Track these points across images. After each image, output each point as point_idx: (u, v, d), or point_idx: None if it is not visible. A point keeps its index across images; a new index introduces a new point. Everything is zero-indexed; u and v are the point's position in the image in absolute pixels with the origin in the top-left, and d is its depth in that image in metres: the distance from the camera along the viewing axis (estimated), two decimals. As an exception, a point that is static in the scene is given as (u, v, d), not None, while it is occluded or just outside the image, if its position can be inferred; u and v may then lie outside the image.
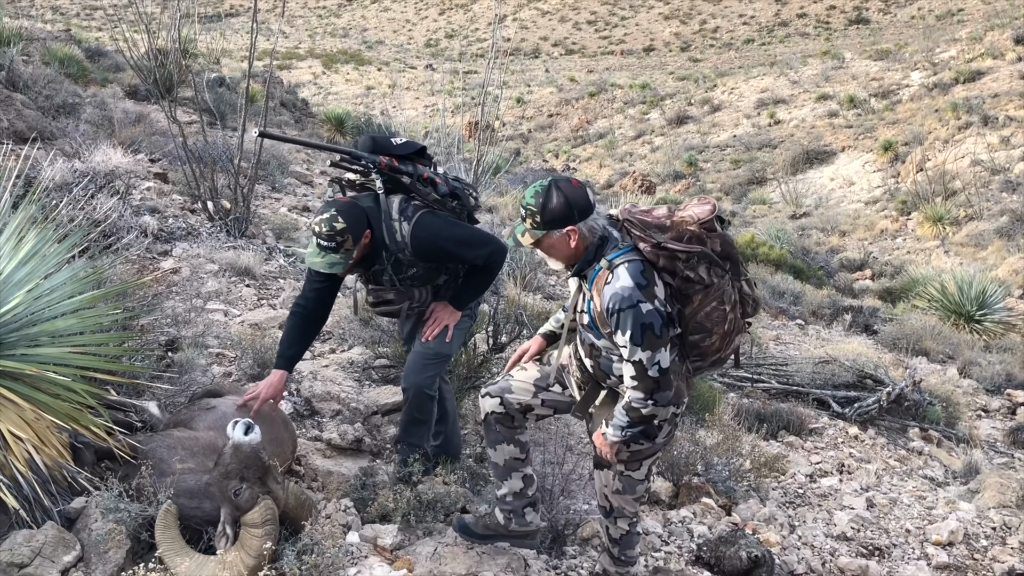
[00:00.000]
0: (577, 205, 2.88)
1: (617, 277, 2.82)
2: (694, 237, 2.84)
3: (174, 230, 7.26)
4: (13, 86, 9.55)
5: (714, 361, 3.08)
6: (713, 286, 2.88)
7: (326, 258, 3.40)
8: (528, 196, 2.94)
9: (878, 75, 40.46)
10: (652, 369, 2.82)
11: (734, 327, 3.00)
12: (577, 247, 2.93)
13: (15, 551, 2.87)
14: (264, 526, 2.93)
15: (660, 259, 2.82)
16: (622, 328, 2.80)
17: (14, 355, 3.22)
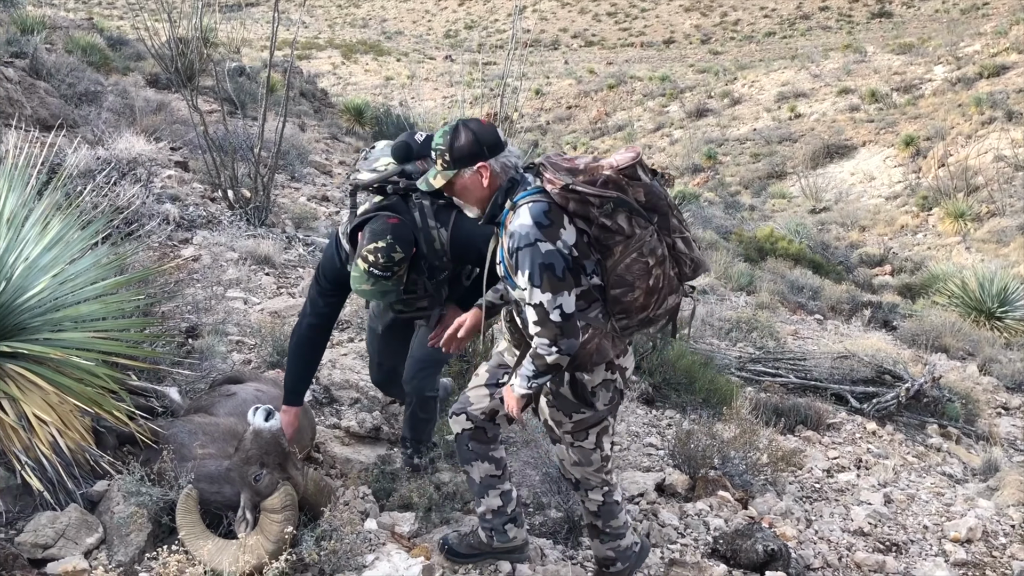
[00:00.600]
0: (486, 141, 2.78)
1: (518, 216, 2.72)
2: (610, 182, 2.72)
3: (194, 218, 7.31)
4: (36, 74, 9.63)
5: (642, 320, 2.92)
6: (634, 237, 2.75)
7: (377, 286, 3.17)
8: (437, 137, 2.85)
9: (900, 69, 40.10)
10: (554, 313, 2.69)
11: (662, 284, 2.85)
12: (491, 187, 2.83)
13: (39, 532, 2.91)
14: (284, 511, 2.96)
15: (570, 202, 2.70)
16: (521, 268, 2.70)
17: (38, 339, 3.26)
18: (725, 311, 9.62)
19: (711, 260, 12.98)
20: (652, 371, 6.29)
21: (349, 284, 3.32)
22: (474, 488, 3.35)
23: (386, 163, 3.36)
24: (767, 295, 11.80)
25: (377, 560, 3.18)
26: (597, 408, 3.06)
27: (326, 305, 3.47)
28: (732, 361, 7.62)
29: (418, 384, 3.82)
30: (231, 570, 2.72)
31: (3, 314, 3.24)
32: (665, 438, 5.45)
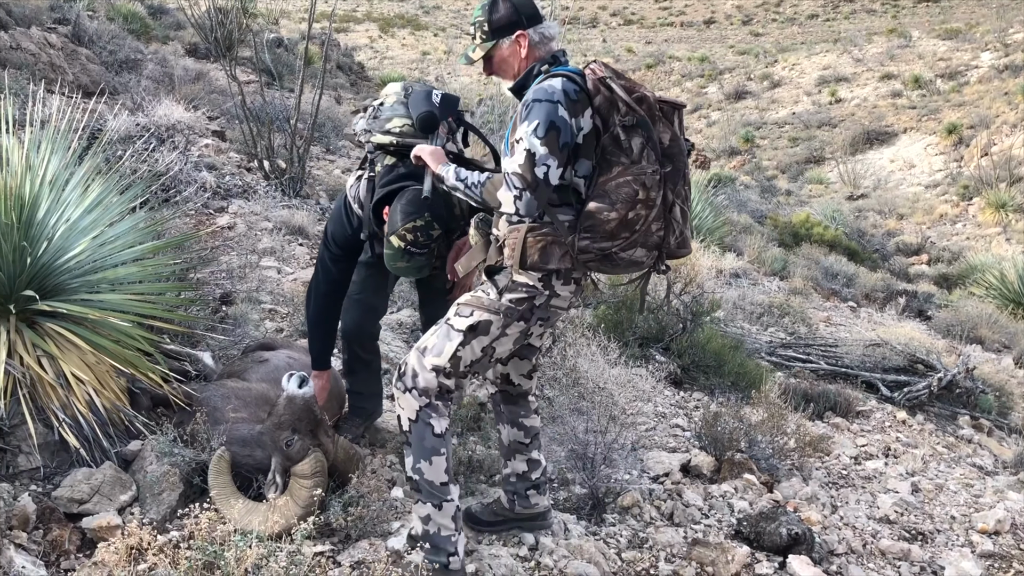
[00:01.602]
0: (525, 10, 2.80)
1: (548, 81, 2.68)
2: (643, 100, 2.64)
3: (230, 187, 7.38)
4: (78, 40, 9.74)
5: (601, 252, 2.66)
6: (638, 165, 2.63)
7: (413, 263, 3.10)
8: (475, 11, 2.89)
9: (946, 55, 39.30)
10: (540, 168, 2.61)
11: (639, 226, 2.65)
12: (529, 57, 2.82)
13: (75, 488, 2.98)
14: (313, 477, 3.00)
15: (599, 96, 2.64)
16: (530, 118, 2.61)
17: (77, 299, 3.32)
18: (757, 295, 9.55)
19: (745, 244, 12.88)
20: (681, 352, 6.27)
21: (359, 248, 3.35)
22: (502, 450, 3.39)
23: (400, 124, 3.26)
24: (800, 281, 11.70)
25: (402, 527, 3.22)
26: (501, 296, 2.82)
27: (339, 272, 3.45)
28: (762, 345, 7.58)
29: None
30: (260, 530, 2.77)
31: (44, 274, 3.30)
32: (692, 420, 5.44)
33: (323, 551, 2.96)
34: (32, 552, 2.75)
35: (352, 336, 3.71)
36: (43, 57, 8.37)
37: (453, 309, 2.91)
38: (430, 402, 2.86)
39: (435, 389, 2.86)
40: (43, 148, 3.62)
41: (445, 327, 2.88)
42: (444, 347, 2.84)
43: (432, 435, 2.85)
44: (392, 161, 3.25)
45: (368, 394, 3.90)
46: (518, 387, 3.26)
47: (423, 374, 2.85)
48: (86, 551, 2.84)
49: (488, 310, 2.82)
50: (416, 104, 3.23)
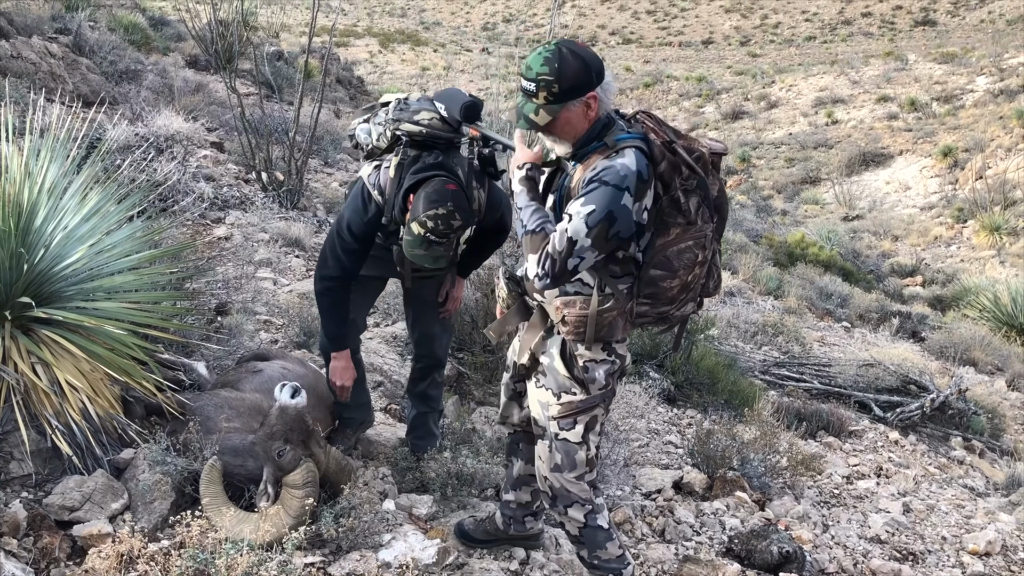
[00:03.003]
0: (594, 66, 2.50)
1: (623, 155, 2.47)
2: (702, 160, 2.54)
3: (228, 198, 7.40)
4: (79, 50, 9.78)
5: (660, 314, 2.71)
6: (695, 226, 2.57)
7: (431, 251, 3.07)
8: (535, 65, 2.49)
9: (942, 79, 39.56)
10: (572, 260, 2.48)
11: (694, 285, 2.68)
12: (592, 119, 2.55)
13: (67, 495, 2.98)
14: (305, 487, 3.00)
15: (664, 162, 2.49)
16: (588, 199, 2.44)
17: (72, 307, 3.33)
18: (752, 314, 9.58)
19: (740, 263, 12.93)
20: (675, 370, 6.29)
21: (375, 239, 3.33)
22: (510, 480, 3.36)
23: (428, 117, 3.24)
24: (795, 300, 11.73)
25: (393, 540, 3.22)
26: (589, 390, 2.79)
27: (351, 263, 3.37)
28: (756, 364, 7.60)
29: (444, 356, 3.99)
30: (251, 539, 2.77)
31: (40, 281, 3.31)
32: (685, 437, 5.45)
33: (314, 562, 2.96)
34: (22, 559, 2.74)
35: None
36: (44, 66, 8.40)
37: (555, 425, 2.86)
38: (592, 506, 2.95)
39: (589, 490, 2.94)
40: (42, 156, 3.64)
41: (562, 444, 2.87)
42: (576, 458, 2.87)
43: (602, 531, 2.97)
44: (415, 153, 3.24)
45: (355, 405, 3.90)
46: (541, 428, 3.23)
47: (574, 487, 2.91)
48: (76, 559, 2.84)
49: (587, 409, 2.83)
50: (454, 96, 3.21)
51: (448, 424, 4.29)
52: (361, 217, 3.31)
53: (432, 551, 3.19)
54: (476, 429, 4.41)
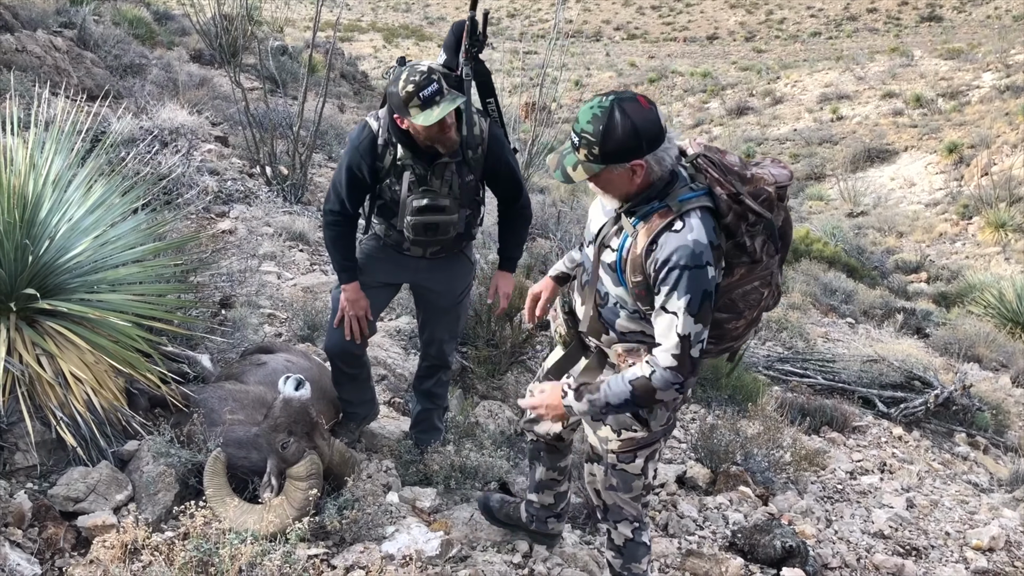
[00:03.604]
0: (646, 133, 2.29)
1: (690, 228, 2.33)
2: (768, 200, 2.40)
3: (232, 192, 7.40)
4: (84, 44, 9.78)
5: (724, 349, 2.65)
6: (761, 263, 2.45)
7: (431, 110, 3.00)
8: (583, 120, 2.34)
9: (947, 75, 39.45)
10: (695, 348, 2.36)
11: (758, 316, 2.61)
12: (641, 184, 2.40)
13: (71, 486, 2.99)
14: (308, 479, 3.01)
15: (730, 214, 2.36)
16: (679, 290, 2.31)
17: (76, 299, 3.34)
18: (755, 310, 9.54)
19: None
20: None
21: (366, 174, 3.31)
22: (533, 483, 3.35)
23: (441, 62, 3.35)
24: (799, 296, 11.71)
25: (397, 532, 3.23)
26: (651, 428, 2.74)
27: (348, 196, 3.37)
28: (760, 359, 7.59)
29: (451, 358, 3.98)
30: (254, 530, 2.78)
31: (45, 273, 3.32)
32: (688, 432, 5.44)
33: (317, 553, 2.96)
34: (27, 549, 2.75)
35: (335, 355, 3.69)
36: (48, 60, 8.41)
37: (614, 457, 2.82)
38: (640, 523, 2.96)
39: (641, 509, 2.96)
40: (47, 148, 3.65)
41: (619, 472, 2.84)
42: (633, 484, 2.87)
43: (644, 547, 3.00)
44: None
45: (358, 402, 3.91)
46: (565, 440, 3.21)
47: (627, 507, 2.92)
48: (81, 549, 2.85)
49: (647, 444, 2.80)
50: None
51: (452, 418, 4.30)
52: (354, 144, 3.32)
53: (435, 543, 3.20)
54: (479, 423, 4.41)
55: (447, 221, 3.36)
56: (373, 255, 3.58)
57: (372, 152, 3.29)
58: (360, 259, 3.57)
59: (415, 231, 3.35)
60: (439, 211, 3.32)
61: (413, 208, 3.30)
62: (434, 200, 3.30)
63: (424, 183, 3.30)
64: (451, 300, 3.74)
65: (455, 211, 3.36)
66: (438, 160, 3.27)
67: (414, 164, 3.27)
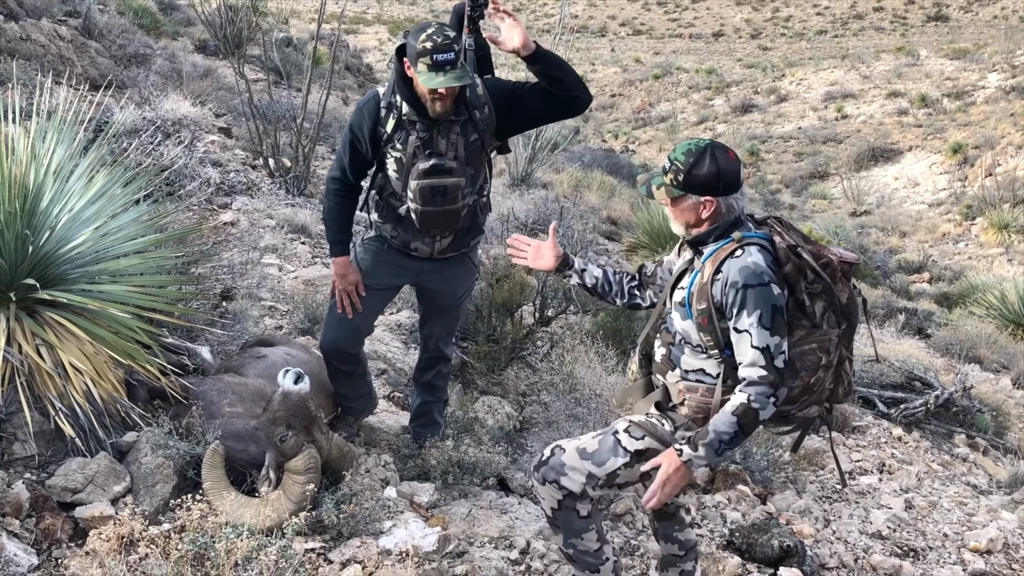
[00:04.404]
0: (726, 178, 2.59)
1: (748, 253, 2.55)
2: (830, 266, 2.60)
3: (234, 184, 7.40)
4: (88, 34, 9.78)
5: (781, 414, 2.70)
6: (820, 330, 2.61)
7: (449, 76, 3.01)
8: (679, 151, 2.67)
9: (953, 75, 39.35)
10: (779, 358, 2.50)
11: (818, 388, 2.68)
12: (707, 220, 2.66)
13: (70, 477, 2.99)
14: (306, 473, 3.01)
15: (789, 263, 2.54)
16: (748, 307, 2.50)
17: (76, 289, 3.34)
18: (757, 308, 9.53)
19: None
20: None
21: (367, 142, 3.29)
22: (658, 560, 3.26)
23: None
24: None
25: (394, 527, 3.23)
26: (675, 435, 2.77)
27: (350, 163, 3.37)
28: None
29: (451, 352, 3.98)
30: (252, 523, 2.78)
31: (45, 263, 3.32)
32: (688, 429, 5.43)
33: (314, 547, 2.97)
34: (24, 539, 2.76)
35: (330, 353, 3.68)
36: (52, 49, 8.41)
37: (624, 423, 2.82)
38: (572, 494, 2.77)
39: (578, 493, 2.77)
40: (49, 138, 3.64)
41: (612, 439, 2.78)
42: (606, 460, 2.76)
43: (578, 518, 2.80)
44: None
45: (355, 396, 3.91)
46: (670, 506, 3.14)
47: (573, 476, 2.76)
48: (78, 540, 2.85)
49: (661, 440, 2.76)
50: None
51: (451, 413, 4.30)
52: (359, 106, 3.33)
53: (433, 539, 3.20)
54: (479, 418, 4.41)
55: (455, 184, 3.28)
56: (378, 257, 3.55)
57: (375, 114, 3.28)
58: (364, 261, 3.56)
59: (422, 197, 3.27)
60: (446, 173, 3.26)
61: (419, 171, 3.24)
62: (440, 161, 3.25)
63: (429, 145, 3.25)
64: (452, 301, 3.75)
65: (461, 173, 3.30)
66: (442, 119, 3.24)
67: (418, 123, 3.23)
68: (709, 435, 2.56)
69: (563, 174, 14.14)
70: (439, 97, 3.12)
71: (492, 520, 3.55)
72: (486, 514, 3.60)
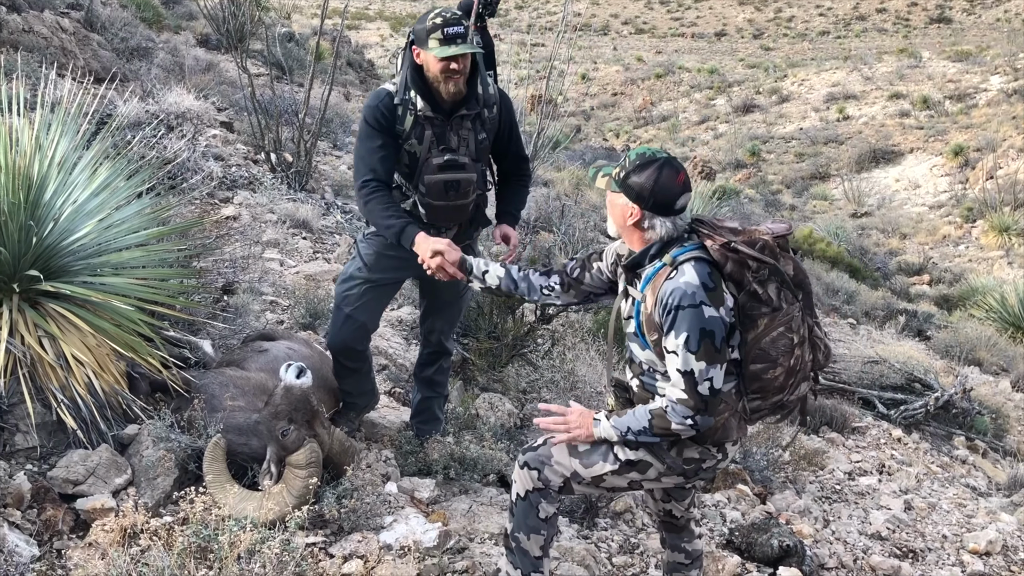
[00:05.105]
0: (658, 195, 2.55)
1: (681, 273, 2.51)
2: (767, 248, 2.57)
3: (236, 178, 7.39)
4: (91, 27, 9.76)
5: (775, 404, 2.71)
6: (781, 311, 2.57)
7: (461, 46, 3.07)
8: (636, 151, 2.65)
9: (955, 77, 39.33)
10: (703, 385, 2.47)
11: (800, 366, 2.66)
12: (630, 228, 2.65)
13: (71, 468, 2.99)
14: (308, 467, 3.01)
15: (728, 263, 2.52)
16: (676, 329, 2.48)
17: (79, 281, 3.33)
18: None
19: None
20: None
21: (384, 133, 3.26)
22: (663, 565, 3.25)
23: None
24: (801, 295, 11.67)
25: (395, 522, 3.23)
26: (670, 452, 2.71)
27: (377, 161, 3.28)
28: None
29: (452, 346, 4.00)
30: (254, 517, 2.78)
31: (48, 254, 3.31)
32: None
33: (315, 542, 2.97)
34: (25, 530, 2.76)
35: (337, 350, 3.68)
36: (55, 41, 8.39)
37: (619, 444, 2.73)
38: (545, 490, 2.75)
39: (557, 486, 2.76)
40: (53, 130, 3.64)
41: (606, 446, 2.73)
42: (595, 464, 2.73)
43: (536, 517, 2.78)
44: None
45: (358, 393, 3.91)
46: (680, 519, 3.11)
47: (557, 469, 2.75)
48: (79, 532, 2.85)
49: (654, 454, 2.71)
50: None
51: (452, 409, 4.30)
52: (370, 105, 3.30)
53: (433, 534, 3.20)
54: (480, 415, 4.41)
55: (467, 179, 3.35)
56: (382, 252, 3.53)
57: (391, 111, 3.27)
58: (368, 257, 3.55)
59: (436, 192, 3.31)
60: (459, 168, 3.32)
61: (433, 166, 3.28)
62: (455, 156, 3.30)
63: (443, 140, 3.30)
64: (455, 294, 3.76)
65: (473, 170, 3.37)
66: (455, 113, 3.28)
67: (433, 118, 3.26)
68: (624, 417, 2.63)
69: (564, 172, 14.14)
70: (452, 73, 3.16)
71: (493, 516, 3.55)
72: (487, 510, 3.60)
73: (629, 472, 2.73)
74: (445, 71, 3.15)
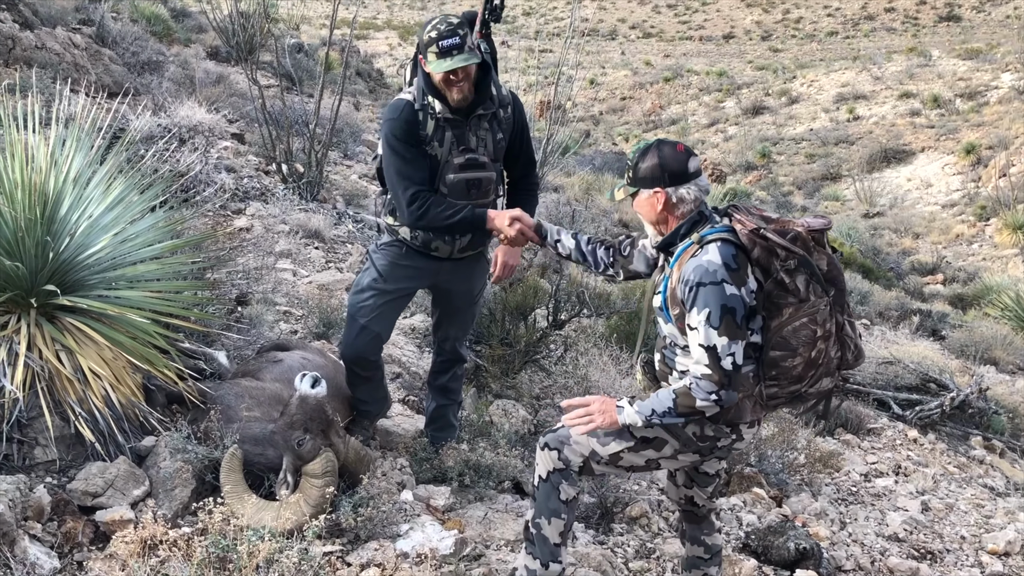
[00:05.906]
0: (668, 168, 2.69)
1: (706, 251, 2.60)
2: (798, 239, 2.60)
3: (248, 189, 7.44)
4: (102, 41, 9.86)
5: (792, 394, 2.74)
6: (808, 302, 2.60)
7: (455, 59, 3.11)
8: (632, 150, 2.81)
9: (966, 75, 39.16)
10: (726, 360, 2.53)
11: (822, 360, 2.68)
12: (663, 214, 2.74)
13: (90, 481, 3.01)
14: (324, 477, 3.03)
15: (756, 248, 2.58)
16: (698, 305, 2.55)
17: (95, 295, 3.37)
18: (770, 310, 9.51)
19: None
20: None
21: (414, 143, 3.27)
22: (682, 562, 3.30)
23: None
24: (814, 297, 11.62)
25: (411, 530, 3.24)
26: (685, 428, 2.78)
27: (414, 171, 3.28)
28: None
29: (465, 354, 4.02)
30: (271, 526, 2.80)
31: (65, 269, 3.35)
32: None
33: (333, 551, 2.98)
34: (46, 543, 2.78)
35: (351, 360, 3.69)
36: (67, 57, 8.47)
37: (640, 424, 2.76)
38: (566, 470, 2.84)
39: (578, 466, 2.84)
40: (67, 145, 3.68)
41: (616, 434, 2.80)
42: (611, 442, 2.81)
43: (557, 499, 2.85)
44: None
45: (372, 400, 3.93)
46: (702, 508, 3.16)
47: (576, 448, 2.83)
48: (99, 544, 2.87)
49: (670, 431, 2.78)
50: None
51: (466, 416, 4.31)
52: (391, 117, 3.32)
53: (449, 542, 3.21)
54: (494, 422, 4.42)
55: (487, 177, 3.41)
56: (396, 262, 3.55)
57: (413, 118, 3.30)
58: (382, 267, 3.57)
59: (458, 191, 3.35)
60: (480, 167, 3.38)
61: (455, 166, 3.34)
62: (475, 156, 3.37)
63: (463, 141, 3.35)
64: (469, 300, 3.78)
65: (492, 169, 3.44)
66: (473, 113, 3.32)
67: (453, 120, 3.31)
68: (648, 401, 2.67)
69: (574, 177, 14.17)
70: (454, 83, 3.21)
71: (508, 523, 3.56)
72: (502, 517, 3.61)
73: (645, 449, 2.80)
74: (446, 81, 3.21)
